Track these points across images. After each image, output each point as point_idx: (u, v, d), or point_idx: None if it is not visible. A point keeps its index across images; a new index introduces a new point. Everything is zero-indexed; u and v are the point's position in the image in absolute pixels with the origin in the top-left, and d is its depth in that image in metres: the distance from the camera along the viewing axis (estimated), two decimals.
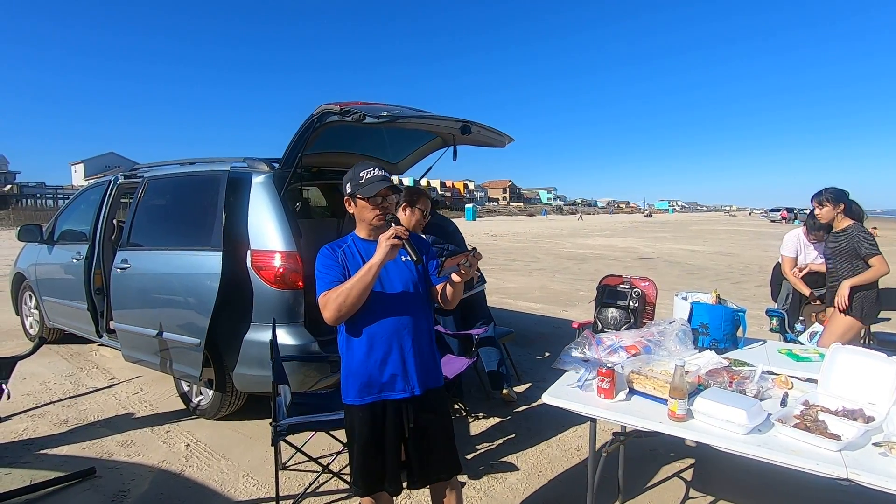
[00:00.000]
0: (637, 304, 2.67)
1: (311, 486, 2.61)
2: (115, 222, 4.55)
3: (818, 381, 1.99)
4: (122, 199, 4.62)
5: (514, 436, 3.25)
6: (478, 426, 3.40)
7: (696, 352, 2.34)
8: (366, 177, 1.76)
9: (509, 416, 3.53)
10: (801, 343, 3.31)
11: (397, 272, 1.80)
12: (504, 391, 3.66)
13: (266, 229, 3.10)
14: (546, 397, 1.97)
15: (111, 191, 4.38)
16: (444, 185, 74.23)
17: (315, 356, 3.00)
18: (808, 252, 4.03)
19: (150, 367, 3.69)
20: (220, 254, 3.01)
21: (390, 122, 2.76)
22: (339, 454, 2.74)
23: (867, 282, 3.23)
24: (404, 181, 9.61)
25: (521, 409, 3.66)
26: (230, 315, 3.08)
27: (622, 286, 2.74)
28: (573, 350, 2.31)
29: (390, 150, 4.21)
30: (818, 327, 3.57)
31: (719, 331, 2.48)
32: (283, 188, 3.19)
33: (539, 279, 10.24)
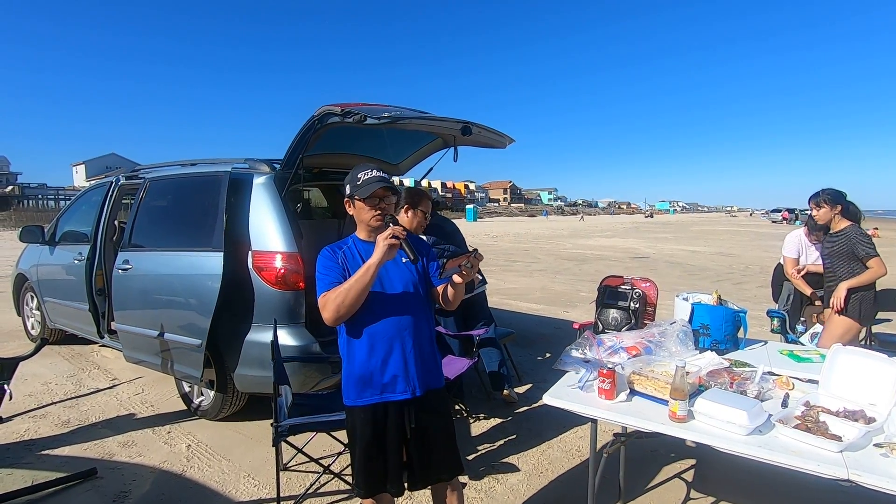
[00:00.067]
0: (638, 305, 2.67)
1: (312, 486, 2.61)
2: (116, 223, 4.56)
3: (819, 381, 1.98)
4: (123, 201, 4.62)
5: (514, 436, 3.25)
6: (479, 427, 3.40)
7: (697, 353, 2.34)
8: (363, 178, 1.76)
9: (510, 417, 3.53)
10: (803, 344, 3.30)
11: (398, 273, 1.81)
12: (505, 392, 3.66)
13: (267, 230, 3.11)
14: (547, 398, 1.97)
15: (112, 192, 4.39)
16: (444, 185, 74.25)
17: (316, 357, 3.00)
18: (809, 253, 4.03)
19: (151, 368, 3.69)
20: (222, 255, 3.01)
21: (391, 123, 2.76)
22: (340, 455, 2.74)
23: (864, 283, 3.23)
24: (405, 182, 9.63)
25: (522, 409, 3.66)
26: (231, 316, 3.09)
27: (623, 287, 2.74)
28: (574, 351, 2.30)
29: (391, 151, 4.22)
30: (819, 328, 3.56)
31: (720, 332, 2.48)
32: (285, 189, 3.20)
33: (540, 280, 10.24)
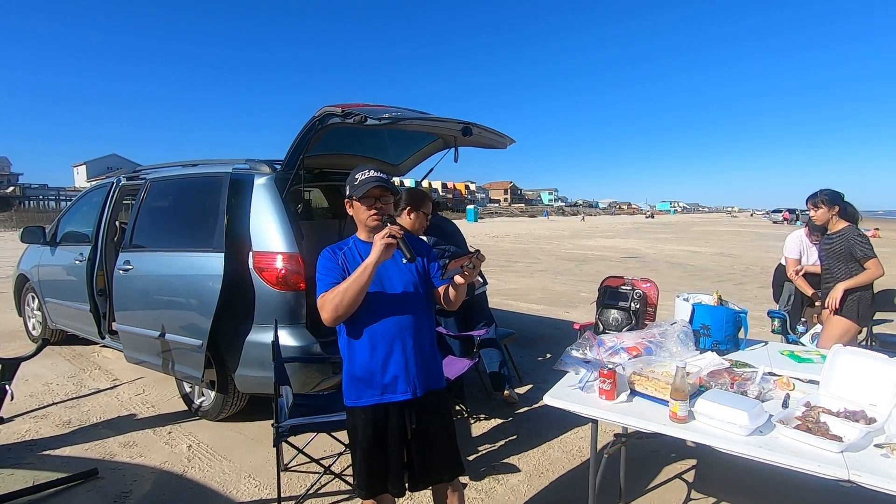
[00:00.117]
0: (638, 306, 2.67)
1: (312, 487, 2.61)
2: (117, 224, 4.57)
3: (820, 382, 1.98)
4: (124, 201, 4.63)
5: (515, 437, 3.25)
6: (479, 427, 3.40)
7: (698, 353, 2.34)
8: (360, 178, 1.77)
9: (511, 418, 3.53)
10: (803, 344, 3.30)
11: (398, 273, 1.80)
12: (505, 392, 3.66)
13: (268, 231, 3.11)
14: (547, 398, 1.97)
15: (113, 192, 4.39)
16: (445, 186, 74.29)
17: (317, 357, 3.00)
18: (810, 253, 4.03)
19: (152, 369, 3.70)
20: (223, 255, 3.02)
21: (392, 123, 2.77)
22: (340, 455, 2.74)
23: (861, 284, 3.23)
24: (406, 182, 9.63)
25: (523, 410, 3.66)
26: (232, 316, 3.09)
27: (624, 287, 2.74)
28: (574, 351, 2.30)
29: (392, 151, 4.22)
30: (820, 329, 3.56)
31: (721, 332, 2.48)
32: (285, 190, 3.20)
33: (540, 280, 10.24)
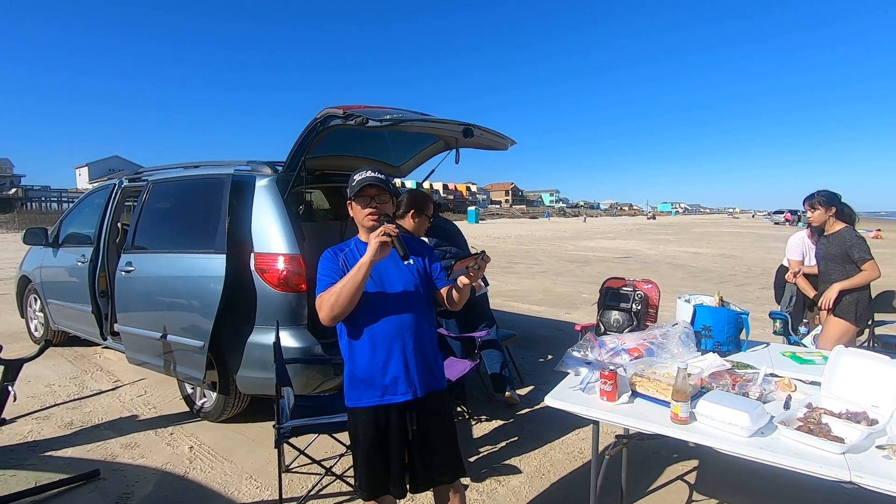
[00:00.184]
0: (640, 307, 2.66)
1: (314, 488, 2.61)
2: (119, 225, 4.58)
3: (821, 383, 1.98)
4: (126, 203, 4.64)
5: (516, 438, 3.25)
6: (480, 429, 3.40)
7: (699, 354, 2.34)
8: (357, 179, 1.79)
9: (512, 419, 3.53)
10: (805, 346, 3.30)
11: (398, 274, 1.81)
12: (507, 394, 3.66)
13: (269, 232, 3.12)
14: (549, 400, 1.97)
15: (115, 194, 4.40)
16: (446, 187, 74.38)
17: (318, 358, 3.01)
18: (812, 255, 4.02)
19: (153, 370, 3.70)
20: (224, 257, 3.03)
21: (393, 125, 2.77)
22: (342, 457, 2.74)
23: (857, 286, 3.23)
24: (407, 184, 9.64)
25: (524, 411, 3.66)
26: (234, 318, 3.09)
27: (625, 289, 2.74)
28: (576, 352, 2.30)
29: (393, 153, 4.23)
30: (821, 330, 3.56)
31: (722, 333, 2.48)
32: (287, 191, 3.21)
33: (542, 282, 10.23)
